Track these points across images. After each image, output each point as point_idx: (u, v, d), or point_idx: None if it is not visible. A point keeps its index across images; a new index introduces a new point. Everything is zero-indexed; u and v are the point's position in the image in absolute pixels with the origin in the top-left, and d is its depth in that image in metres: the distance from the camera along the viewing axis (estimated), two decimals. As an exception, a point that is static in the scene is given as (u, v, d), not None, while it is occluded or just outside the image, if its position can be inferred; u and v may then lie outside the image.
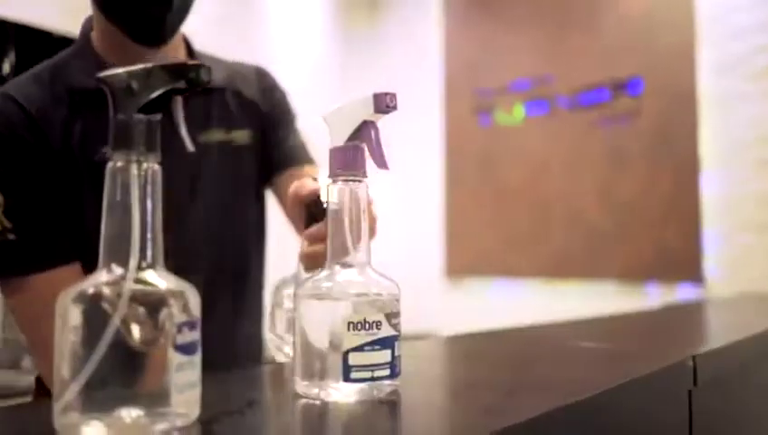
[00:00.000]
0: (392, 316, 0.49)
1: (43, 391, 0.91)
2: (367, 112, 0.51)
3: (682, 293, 2.93)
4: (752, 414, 0.86)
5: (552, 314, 1.20)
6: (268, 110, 1.05)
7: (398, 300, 0.50)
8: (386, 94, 0.51)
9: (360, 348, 0.47)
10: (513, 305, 3.41)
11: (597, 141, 3.27)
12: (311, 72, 4.03)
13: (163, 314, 0.40)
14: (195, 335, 0.41)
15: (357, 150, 0.51)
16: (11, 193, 0.80)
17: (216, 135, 0.96)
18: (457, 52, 3.89)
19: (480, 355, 0.79)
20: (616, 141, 3.19)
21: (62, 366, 0.39)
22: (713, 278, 2.82)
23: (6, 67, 2.68)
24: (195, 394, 0.41)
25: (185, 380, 0.40)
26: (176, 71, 0.42)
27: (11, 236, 0.79)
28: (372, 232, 0.59)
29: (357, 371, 0.47)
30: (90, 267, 0.44)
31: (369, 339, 0.48)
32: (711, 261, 2.84)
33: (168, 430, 0.39)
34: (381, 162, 0.51)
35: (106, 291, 0.39)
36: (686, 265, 2.91)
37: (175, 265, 0.44)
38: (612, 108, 3.21)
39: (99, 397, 0.38)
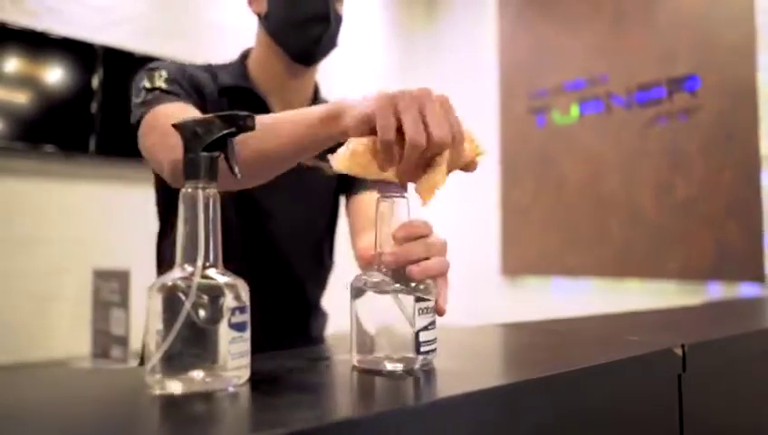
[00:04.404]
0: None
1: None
2: None
3: (744, 292, 2.89)
4: (740, 403, 0.92)
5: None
6: None
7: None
8: None
9: (425, 328, 0.61)
10: (573, 304, 3.44)
11: (655, 139, 3.25)
12: (370, 72, 4.18)
13: (221, 301, 0.53)
14: (245, 317, 0.55)
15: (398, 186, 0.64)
16: (175, 80, 1.00)
17: (311, 160, 1.14)
18: (512, 52, 3.94)
19: (499, 341, 0.90)
20: (674, 139, 3.17)
21: (150, 339, 0.53)
22: (774, 277, 2.77)
23: (95, 83, 2.96)
24: (245, 361, 0.55)
25: (237, 350, 0.54)
26: (229, 119, 0.55)
27: (164, 87, 0.97)
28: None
29: (425, 345, 0.61)
30: None
31: (430, 320, 0.62)
32: (773, 260, 2.79)
33: (226, 386, 0.53)
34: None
35: (180, 284, 0.53)
36: (748, 264, 2.87)
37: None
38: (669, 105, 3.19)
39: (176, 361, 0.52)
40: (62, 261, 2.89)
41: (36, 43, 2.84)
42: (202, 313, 0.52)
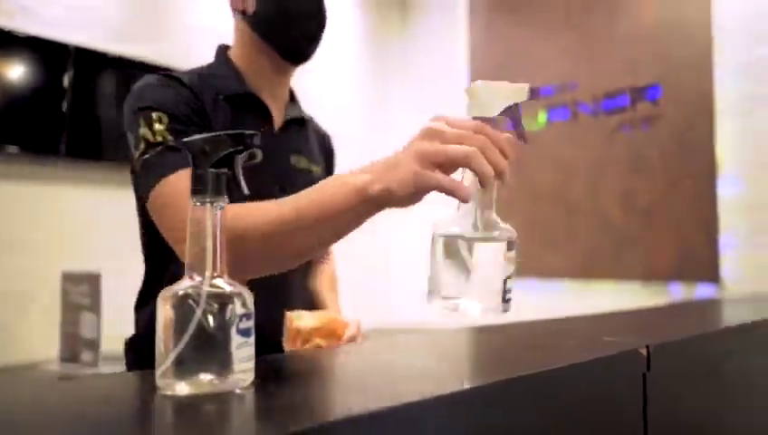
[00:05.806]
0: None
1: (131, 366, 1.11)
2: (520, 96, 0.64)
3: (701, 292, 3.02)
4: (701, 400, 0.99)
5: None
6: (326, 163, 1.26)
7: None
8: (539, 88, 0.65)
9: (510, 277, 0.65)
10: (542, 305, 3.52)
11: (619, 147, 3.37)
12: (344, 77, 4.21)
13: (229, 308, 0.57)
14: (250, 323, 0.58)
15: (496, 125, 0.65)
16: (175, 115, 0.95)
17: (302, 163, 1.16)
18: (483, 58, 4.03)
19: (481, 341, 0.95)
20: (637, 147, 3.29)
21: (161, 344, 0.56)
22: (729, 279, 2.90)
23: (66, 82, 2.93)
24: (251, 365, 0.59)
25: (243, 354, 0.57)
26: (236, 137, 0.59)
27: (168, 140, 0.92)
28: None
29: (508, 293, 0.65)
30: None
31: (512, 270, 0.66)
32: (728, 262, 2.92)
33: (233, 389, 0.57)
34: (524, 136, 0.66)
35: (191, 292, 0.56)
36: (705, 266, 3.00)
37: None
38: (632, 114, 3.31)
39: (186, 366, 0.56)
40: (32, 265, 2.86)
41: (6, 42, 2.79)
42: (212, 319, 0.56)
